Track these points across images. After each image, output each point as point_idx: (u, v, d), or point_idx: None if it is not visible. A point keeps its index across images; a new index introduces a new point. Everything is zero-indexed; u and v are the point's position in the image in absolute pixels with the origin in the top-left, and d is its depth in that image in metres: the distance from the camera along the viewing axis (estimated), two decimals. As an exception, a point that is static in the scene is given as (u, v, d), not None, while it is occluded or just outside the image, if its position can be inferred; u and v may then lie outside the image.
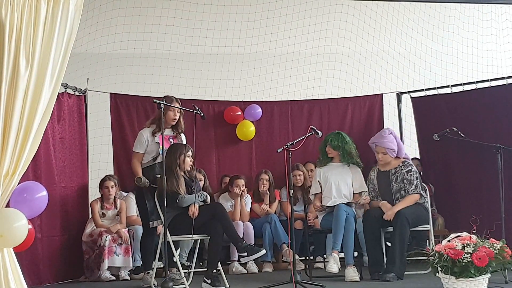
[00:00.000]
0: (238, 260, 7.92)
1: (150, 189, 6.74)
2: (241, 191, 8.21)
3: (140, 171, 6.79)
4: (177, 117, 6.87)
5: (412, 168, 6.94)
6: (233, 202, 8.28)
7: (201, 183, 7.95)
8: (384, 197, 6.92)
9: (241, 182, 8.28)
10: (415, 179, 6.88)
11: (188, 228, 6.41)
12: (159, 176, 6.65)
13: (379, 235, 6.86)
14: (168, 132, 6.90)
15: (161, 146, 6.72)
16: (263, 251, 6.54)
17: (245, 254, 6.46)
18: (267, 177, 8.49)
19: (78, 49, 8.41)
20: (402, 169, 6.94)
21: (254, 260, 8.05)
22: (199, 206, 6.57)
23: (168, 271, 6.78)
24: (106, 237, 7.58)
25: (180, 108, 6.87)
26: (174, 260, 6.77)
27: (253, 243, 8.05)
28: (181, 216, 6.52)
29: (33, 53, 4.67)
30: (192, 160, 6.83)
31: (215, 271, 6.36)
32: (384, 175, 7.03)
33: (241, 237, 7.95)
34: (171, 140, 6.87)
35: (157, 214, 6.70)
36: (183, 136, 7.03)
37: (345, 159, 7.31)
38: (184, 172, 6.74)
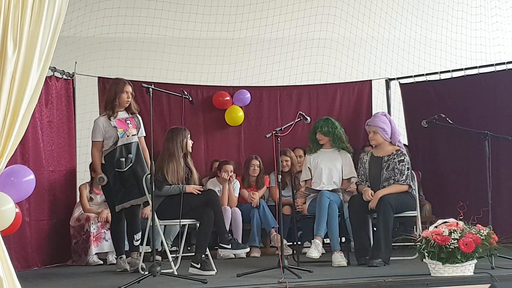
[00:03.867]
0: (215, 248, 7.90)
1: (114, 173, 6.66)
2: (229, 177, 8.21)
3: (100, 164, 6.71)
4: (130, 99, 6.78)
5: (405, 158, 6.89)
6: (221, 187, 8.27)
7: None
8: (373, 183, 6.91)
9: (230, 167, 8.28)
10: (406, 169, 6.84)
11: (176, 213, 6.39)
12: (123, 159, 6.62)
13: (364, 221, 6.86)
14: (122, 114, 6.80)
15: (119, 130, 6.67)
16: (247, 249, 6.48)
17: (228, 246, 6.40)
18: (257, 163, 8.50)
19: (66, 32, 8.36)
20: (394, 158, 6.90)
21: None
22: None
23: (121, 257, 6.81)
24: (94, 224, 7.58)
25: (161, 89, 6.80)
26: (135, 243, 6.76)
27: (241, 228, 8.07)
28: (170, 201, 6.50)
29: (21, 36, 4.63)
30: (192, 142, 6.82)
31: (203, 255, 6.36)
32: (376, 161, 7.00)
33: (229, 222, 7.99)
34: (128, 121, 6.77)
35: (122, 197, 6.65)
36: (139, 117, 6.94)
37: (336, 144, 7.30)
38: (185, 158, 6.71)
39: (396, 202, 6.68)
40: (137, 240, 6.79)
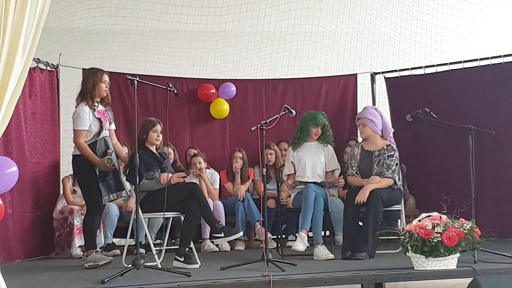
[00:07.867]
0: (210, 238, 7.91)
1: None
2: (197, 169, 8.13)
3: (92, 152, 6.31)
4: (107, 89, 6.51)
5: (395, 153, 6.84)
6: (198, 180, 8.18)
7: (171, 157, 7.81)
8: (363, 177, 6.85)
9: (198, 159, 8.21)
10: (394, 164, 6.81)
11: (159, 206, 6.34)
12: (110, 151, 6.37)
13: (358, 215, 6.77)
14: (100, 106, 6.50)
15: (104, 122, 6.42)
16: (241, 233, 6.53)
17: (222, 235, 6.41)
18: (240, 155, 8.48)
19: (51, 23, 8.30)
20: (385, 153, 6.87)
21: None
22: (174, 184, 6.50)
23: (96, 251, 6.53)
24: (77, 216, 7.54)
25: (147, 81, 6.72)
26: (110, 241, 6.66)
27: (224, 221, 8.04)
28: (154, 193, 6.47)
29: (5, 27, 4.60)
30: (160, 136, 6.70)
31: (187, 249, 6.34)
32: (367, 155, 6.95)
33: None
34: (106, 114, 6.51)
35: (107, 189, 6.40)
36: (111, 109, 6.68)
37: (323, 137, 7.30)
38: (157, 149, 6.68)
39: (386, 196, 6.67)
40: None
